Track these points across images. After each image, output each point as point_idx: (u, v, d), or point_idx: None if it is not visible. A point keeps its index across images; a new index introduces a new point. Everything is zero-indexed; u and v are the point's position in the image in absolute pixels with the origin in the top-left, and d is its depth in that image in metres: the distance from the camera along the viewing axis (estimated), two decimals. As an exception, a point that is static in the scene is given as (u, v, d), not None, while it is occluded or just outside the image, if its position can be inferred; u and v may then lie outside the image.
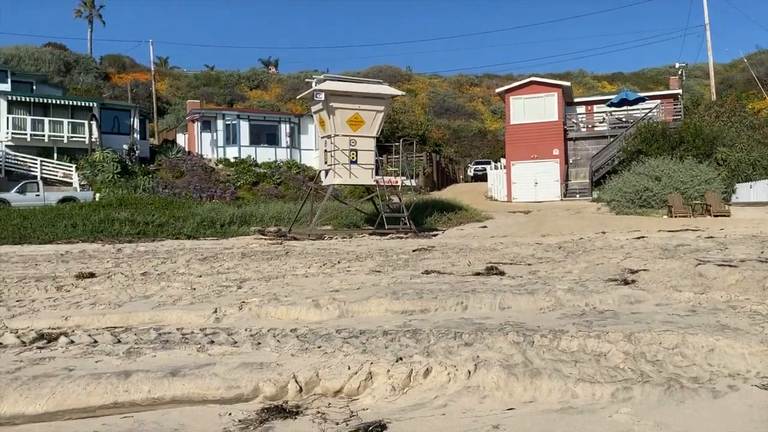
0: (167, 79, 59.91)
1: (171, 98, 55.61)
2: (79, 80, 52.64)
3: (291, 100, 54.44)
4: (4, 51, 51.50)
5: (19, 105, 32.44)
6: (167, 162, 35.41)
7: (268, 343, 5.02)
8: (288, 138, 39.84)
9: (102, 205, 23.40)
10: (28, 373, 4.37)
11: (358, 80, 23.12)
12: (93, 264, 10.89)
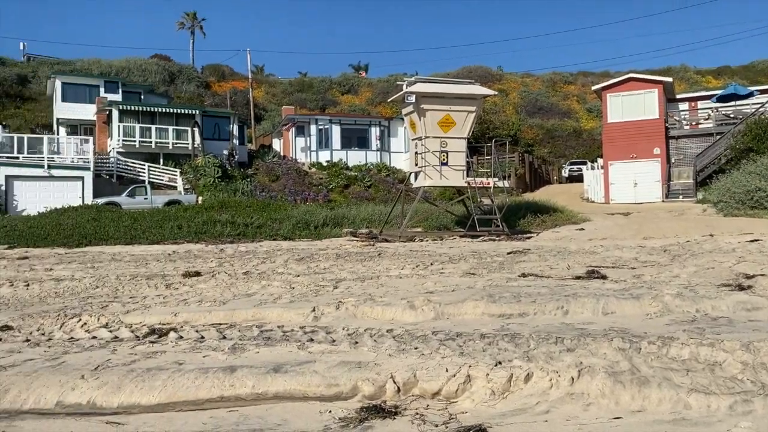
0: (263, 86, 62.12)
1: (267, 105, 57.63)
2: (183, 89, 55.57)
3: (381, 103, 55.03)
4: (115, 64, 55.19)
5: (129, 114, 34.66)
6: (264, 166, 36.71)
7: (366, 343, 5.07)
8: (378, 141, 40.31)
9: (204, 208, 24.55)
10: (142, 365, 4.62)
11: (448, 81, 23.00)
12: (198, 263, 11.44)
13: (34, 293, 7.87)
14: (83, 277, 9.40)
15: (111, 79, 40.93)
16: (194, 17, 67.39)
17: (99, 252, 15.10)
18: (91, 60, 55.66)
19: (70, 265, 11.66)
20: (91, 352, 5.02)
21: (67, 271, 10.34)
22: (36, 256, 14.18)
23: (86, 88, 38.02)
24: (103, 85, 38.46)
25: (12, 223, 20.52)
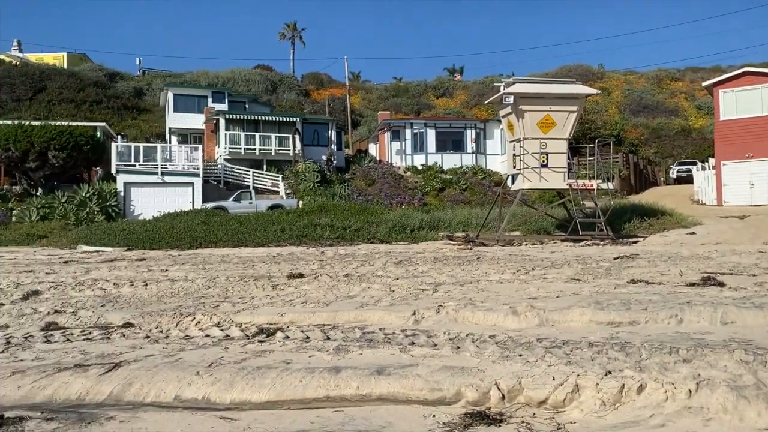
0: (360, 92, 63.26)
1: (363, 110, 58.63)
2: (284, 98, 57.62)
3: (476, 105, 54.50)
4: (222, 75, 58.03)
5: (235, 123, 36.38)
6: (360, 171, 37.37)
7: (468, 348, 5.02)
8: (473, 144, 39.95)
9: (305, 212, 25.32)
10: (252, 363, 4.80)
11: (548, 81, 22.44)
12: (301, 265, 11.80)
13: (152, 293, 8.40)
14: (196, 278, 9.93)
15: (218, 89, 43.07)
16: (294, 28, 69.67)
17: (209, 254, 15.91)
18: (199, 72, 58.86)
19: (183, 266, 12.36)
20: (205, 349, 5.28)
21: (181, 272, 10.97)
22: (152, 257, 15.16)
23: (195, 99, 40.24)
24: (211, 95, 40.55)
25: (130, 227, 22.05)
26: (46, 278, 10.33)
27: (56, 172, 30.70)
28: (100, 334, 6.01)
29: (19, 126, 30.06)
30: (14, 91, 47.30)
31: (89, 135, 31.68)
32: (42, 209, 27.43)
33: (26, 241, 21.89)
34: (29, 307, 7.38)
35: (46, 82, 49.33)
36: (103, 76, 56.67)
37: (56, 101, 47.24)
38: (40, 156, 29.54)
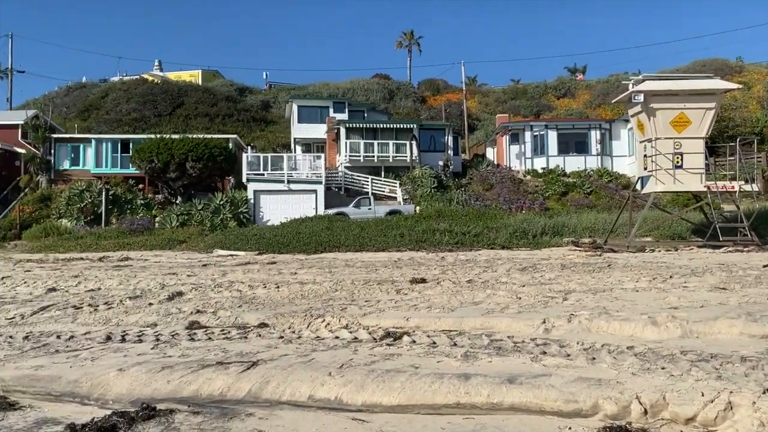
0: (476, 96, 62.71)
1: (480, 114, 58.06)
2: (401, 105, 58.37)
3: (600, 105, 52.22)
4: (342, 86, 59.83)
5: (354, 131, 37.34)
6: (478, 175, 36.98)
7: (604, 359, 4.78)
8: (598, 145, 38.27)
9: (423, 217, 25.44)
10: (381, 366, 4.85)
11: (681, 77, 21.04)
12: (422, 270, 11.84)
13: (283, 295, 8.77)
14: (323, 281, 10.26)
15: (338, 100, 44.39)
16: (411, 36, 70.40)
17: (333, 258, 16.39)
18: (321, 84, 61.05)
19: (310, 269, 12.82)
20: (335, 351, 5.40)
21: (309, 275, 11.38)
22: (281, 261, 15.86)
23: (318, 110, 41.73)
24: (332, 105, 41.86)
25: (260, 232, 23.23)
26: (187, 280, 11.10)
27: (193, 182, 32.99)
28: (238, 333, 6.34)
29: (161, 140, 32.65)
30: (156, 107, 51.47)
31: (222, 146, 33.78)
32: (181, 216, 29.55)
33: (168, 246, 23.67)
34: (174, 306, 7.95)
35: (183, 98, 53.26)
36: (233, 90, 60.33)
37: (192, 116, 50.85)
38: (179, 167, 31.89)
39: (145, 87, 55.02)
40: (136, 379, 4.84)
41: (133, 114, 50.14)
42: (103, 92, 55.91)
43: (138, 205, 31.72)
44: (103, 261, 17.84)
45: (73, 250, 22.93)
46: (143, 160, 32.14)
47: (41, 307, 8.33)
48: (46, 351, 5.75)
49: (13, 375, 5.04)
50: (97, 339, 6.25)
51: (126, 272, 13.13)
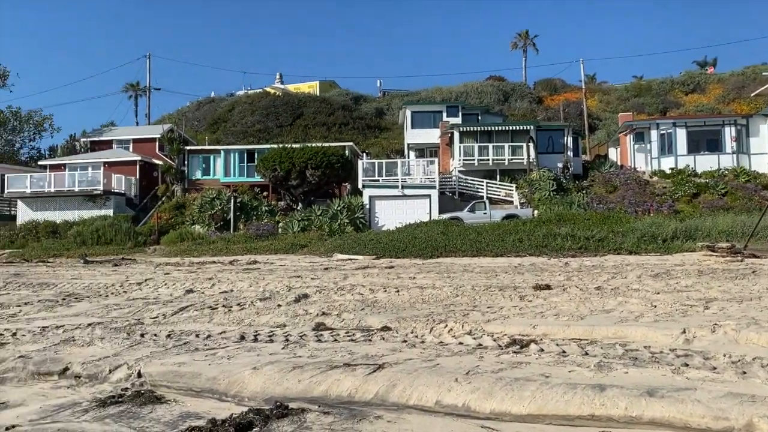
0: (596, 95, 60.23)
1: (601, 114, 55.69)
2: (516, 107, 57.25)
3: (735, 100, 48.41)
4: (455, 89, 59.64)
5: (468, 135, 37.05)
6: (600, 177, 35.42)
7: (756, 374, 4.38)
8: (734, 143, 35.40)
9: (542, 221, 24.73)
10: (509, 374, 4.73)
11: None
12: (545, 276, 11.49)
13: (404, 299, 8.83)
14: (442, 286, 10.22)
15: (452, 104, 44.26)
16: (526, 36, 68.92)
17: (450, 263, 16.32)
18: (433, 89, 61.20)
19: (428, 274, 12.83)
20: (460, 357, 5.34)
21: (427, 280, 11.39)
22: (399, 265, 16.01)
23: (431, 115, 41.84)
24: (445, 110, 41.81)
25: (377, 237, 23.62)
26: (311, 283, 11.48)
27: (312, 189, 34.17)
28: (362, 336, 6.44)
29: (282, 149, 34.13)
30: (278, 118, 53.92)
31: (339, 154, 34.74)
32: (302, 222, 30.70)
33: (291, 250, 24.66)
34: (301, 308, 8.23)
35: (302, 108, 55.42)
36: (349, 99, 61.97)
37: (311, 125, 52.76)
38: (299, 175, 33.16)
39: (268, 100, 57.80)
40: (269, 378, 5.03)
41: (257, 125, 52.83)
42: (230, 106, 59.38)
43: (263, 212, 33.32)
44: (234, 264, 18.87)
45: (205, 254, 24.47)
46: (267, 169, 33.74)
47: (180, 307, 8.93)
48: (187, 349, 6.13)
49: (159, 371, 5.41)
50: (231, 338, 6.58)
51: (255, 275, 13.80)
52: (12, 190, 36.39)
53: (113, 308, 9.32)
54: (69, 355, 6.01)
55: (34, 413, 4.65)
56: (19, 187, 36.23)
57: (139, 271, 16.71)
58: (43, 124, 55.01)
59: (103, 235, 30.74)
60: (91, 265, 20.31)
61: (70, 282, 13.28)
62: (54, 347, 6.38)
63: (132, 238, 30.79)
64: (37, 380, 5.59)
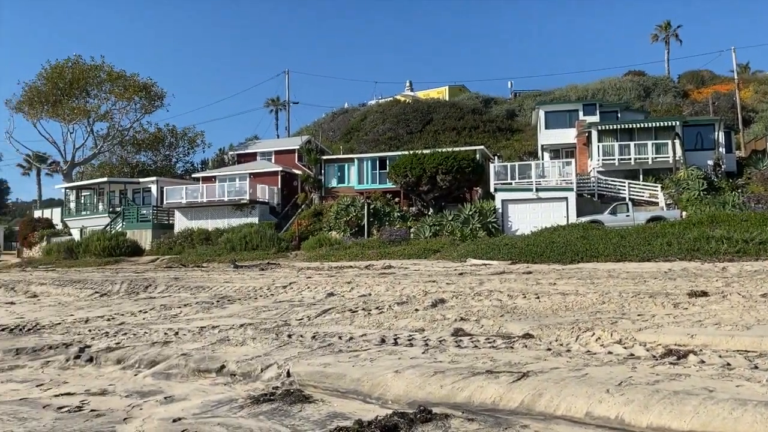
0: (751, 85, 55.04)
1: (757, 105, 50.77)
2: (659, 102, 53.74)
3: None
4: (591, 87, 57.15)
5: (607, 133, 35.28)
6: (757, 174, 32.25)
7: None
8: None
9: (692, 223, 22.92)
10: (666, 387, 4.40)
11: None
12: (700, 282, 10.63)
13: (545, 306, 8.54)
14: (586, 292, 9.77)
15: (588, 102, 42.47)
16: (668, 27, 64.58)
17: (593, 268, 15.60)
18: (568, 87, 59.10)
19: (569, 280, 12.33)
20: (610, 367, 5.06)
21: (569, 286, 10.94)
22: (537, 271, 15.55)
23: (566, 114, 40.38)
24: (582, 108, 40.17)
25: (512, 242, 23.12)
26: (447, 288, 11.45)
27: (443, 194, 34.20)
28: (503, 342, 6.30)
29: (413, 155, 34.50)
30: (408, 125, 54.67)
31: (470, 158, 34.49)
32: (433, 227, 30.80)
33: (423, 255, 24.82)
34: (438, 313, 8.22)
35: (432, 114, 55.77)
36: (479, 103, 61.46)
37: (441, 130, 52.94)
38: (430, 180, 33.33)
39: (398, 107, 58.82)
40: (411, 381, 5.05)
41: (388, 133, 53.92)
42: (362, 115, 61.14)
43: (395, 217, 33.87)
44: (369, 269, 19.33)
45: (342, 259, 25.28)
46: (398, 176, 34.27)
47: (323, 309, 9.26)
48: (331, 350, 6.32)
49: (307, 371, 5.62)
50: (372, 341, 6.70)
51: (390, 279, 14.03)
52: (170, 201, 39.84)
53: (262, 310, 9.87)
54: (225, 354, 6.42)
55: (196, 407, 5.00)
56: (175, 198, 39.60)
57: (284, 275, 17.60)
58: (195, 139, 59.84)
59: (250, 242, 32.77)
60: (240, 270, 21.71)
61: (223, 285, 14.26)
62: (211, 346, 6.84)
63: (275, 243, 32.54)
64: (197, 377, 6.01)
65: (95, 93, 55.63)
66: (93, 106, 55.47)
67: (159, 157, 58.64)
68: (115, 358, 6.67)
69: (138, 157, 58.09)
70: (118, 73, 55.38)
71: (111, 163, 57.29)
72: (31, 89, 53.59)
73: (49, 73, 53.44)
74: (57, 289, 15.50)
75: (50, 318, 10.13)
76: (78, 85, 53.84)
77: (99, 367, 6.55)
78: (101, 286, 15.30)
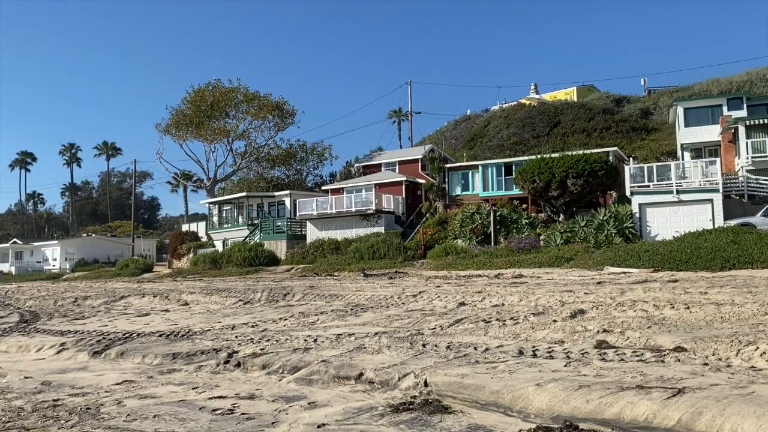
0: None
1: None
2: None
3: None
4: (735, 79, 52.73)
5: (757, 128, 32.25)
6: None
7: None
8: None
9: None
10: None
11: None
12: None
13: (698, 317, 7.90)
14: (744, 302, 8.94)
15: (733, 95, 39.20)
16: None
17: (748, 276, 14.30)
18: (709, 81, 55.00)
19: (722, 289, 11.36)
20: (785, 385, 4.57)
21: (723, 296, 10.07)
22: (683, 279, 14.49)
23: (708, 110, 37.52)
24: (726, 103, 37.15)
25: (653, 248, 21.73)
26: (585, 298, 10.95)
27: (574, 199, 32.91)
28: (652, 356, 5.90)
29: (541, 160, 33.53)
30: (534, 129, 53.35)
31: (602, 160, 32.96)
32: (564, 234, 29.71)
33: (555, 263, 24.01)
34: (578, 324, 7.86)
35: (559, 116, 54.04)
36: (609, 102, 58.74)
37: (569, 133, 51.14)
38: (560, 185, 32.22)
39: (523, 111, 57.59)
40: (554, 395, 4.86)
41: (513, 138, 52.93)
42: (485, 121, 60.52)
43: (523, 224, 33.07)
44: (499, 278, 18.99)
45: (469, 268, 25.06)
46: (525, 181, 33.45)
47: (456, 319, 9.18)
48: (467, 361, 6.23)
49: (444, 381, 5.57)
50: (510, 352, 6.53)
51: (523, 289, 13.66)
52: (302, 213, 41.62)
53: (394, 318, 9.97)
54: (362, 361, 6.53)
55: (338, 414, 5.11)
56: (307, 210, 41.31)
57: (412, 283, 17.73)
58: (324, 153, 62.22)
59: (377, 251, 33.42)
60: (370, 279, 22.17)
61: (355, 294, 14.61)
62: (348, 354, 6.99)
63: (401, 252, 32.93)
64: (337, 383, 6.15)
65: (233, 113, 59.57)
66: (232, 126, 59.43)
67: (291, 171, 61.56)
68: (260, 364, 7.00)
69: (272, 172, 61.36)
70: (253, 93, 58.92)
71: (249, 178, 60.96)
72: (177, 113, 58.38)
73: (193, 97, 57.94)
74: (205, 297, 16.63)
75: (200, 325, 10.86)
76: (218, 107, 57.94)
77: (246, 371, 6.89)
78: (244, 295, 16.22)
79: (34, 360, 8.40)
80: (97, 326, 11.58)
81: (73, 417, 5.23)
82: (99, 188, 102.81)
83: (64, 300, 18.04)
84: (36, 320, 13.35)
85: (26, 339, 10.03)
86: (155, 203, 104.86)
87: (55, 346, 8.99)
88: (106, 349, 8.48)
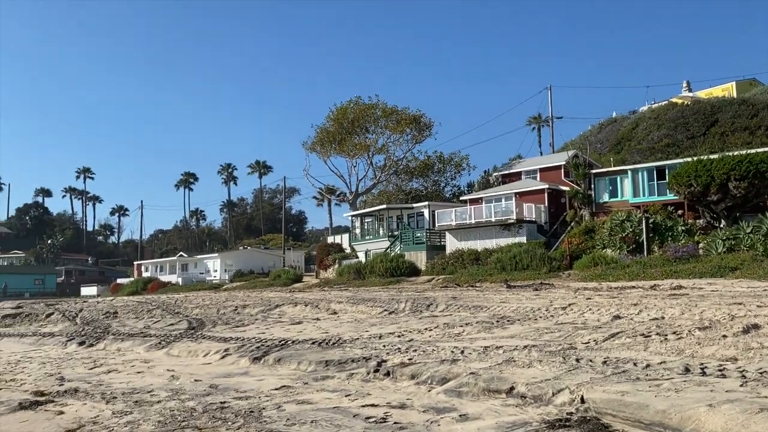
0: None
1: None
2: None
3: None
4: None
5: None
6: None
7: None
8: None
9: None
10: None
11: None
12: None
13: None
14: None
15: None
16: None
17: None
18: None
19: None
20: None
21: None
22: None
23: None
24: None
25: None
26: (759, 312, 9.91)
27: (737, 203, 30.02)
28: None
29: (697, 162, 30.97)
30: (688, 129, 49.53)
31: (771, 160, 29.83)
32: (727, 241, 27.22)
33: (718, 273, 22.04)
34: (753, 341, 7.14)
35: (717, 115, 49.74)
36: (777, 96, 53.06)
37: (729, 132, 46.91)
38: (720, 188, 29.55)
39: (675, 111, 53.71)
40: (730, 418, 4.47)
41: (664, 140, 49.53)
42: (632, 123, 57.16)
43: (679, 232, 30.74)
44: (655, 289, 17.76)
45: (621, 279, 23.71)
46: (681, 185, 31.07)
47: (611, 333, 8.70)
48: (626, 377, 5.88)
49: (602, 398, 5.30)
50: (674, 369, 6.08)
51: (684, 301, 12.66)
52: (441, 224, 41.74)
53: (544, 332, 9.65)
54: (512, 375, 6.37)
55: (491, 428, 5.02)
56: (445, 220, 41.35)
57: (560, 295, 17.08)
58: (461, 163, 62.09)
59: (520, 261, 32.61)
60: (513, 290, 21.68)
61: (499, 305, 14.34)
62: (497, 366, 6.86)
63: (546, 263, 31.87)
64: (487, 396, 6.05)
65: (373, 129, 61.34)
66: (371, 140, 61.17)
67: (429, 182, 62.06)
68: (409, 374, 7.07)
69: (411, 184, 62.24)
70: (392, 108, 60.31)
71: (388, 191, 62.32)
72: (321, 131, 61.18)
73: (336, 114, 60.46)
74: (352, 306, 17.16)
75: (349, 333, 11.21)
76: (359, 123, 59.97)
77: (395, 381, 6.99)
78: (388, 305, 16.53)
79: (201, 364, 9.12)
80: (256, 333, 12.34)
81: (238, 419, 5.59)
82: (253, 204, 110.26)
83: (226, 309, 19.45)
84: (202, 327, 14.50)
85: (194, 344, 10.91)
86: (303, 217, 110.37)
87: (220, 352, 9.70)
88: (265, 355, 9.01)
